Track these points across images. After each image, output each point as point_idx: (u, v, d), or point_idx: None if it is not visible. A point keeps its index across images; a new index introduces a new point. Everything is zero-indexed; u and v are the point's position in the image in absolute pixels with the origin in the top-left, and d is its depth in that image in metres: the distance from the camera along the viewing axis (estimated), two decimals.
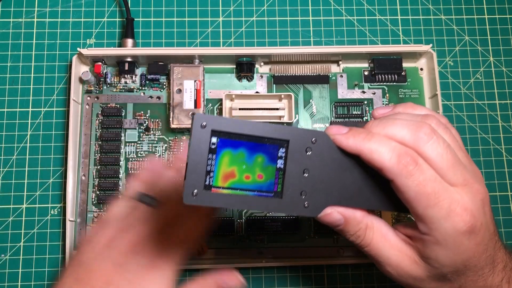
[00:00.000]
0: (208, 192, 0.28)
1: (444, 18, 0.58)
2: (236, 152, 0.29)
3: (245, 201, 0.29)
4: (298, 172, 0.30)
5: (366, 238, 0.31)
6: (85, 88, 0.52)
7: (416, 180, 0.28)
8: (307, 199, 0.30)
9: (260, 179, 0.29)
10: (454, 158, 0.29)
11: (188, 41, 0.56)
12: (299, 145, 0.30)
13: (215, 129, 0.28)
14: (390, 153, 0.28)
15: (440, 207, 0.28)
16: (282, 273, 0.51)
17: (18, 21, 0.56)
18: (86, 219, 0.49)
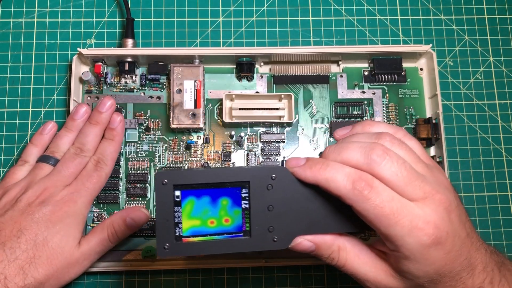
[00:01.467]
0: (179, 243, 0.30)
1: (444, 18, 0.58)
2: (200, 200, 0.30)
3: (216, 245, 0.31)
4: (263, 210, 0.31)
5: (340, 259, 0.32)
6: (85, 88, 0.52)
7: (373, 204, 0.28)
8: (275, 234, 0.31)
9: (227, 222, 0.31)
10: (410, 173, 0.30)
11: (188, 41, 0.56)
12: (260, 184, 0.31)
13: (176, 183, 0.30)
14: (345, 180, 0.29)
15: (402, 225, 0.28)
16: (282, 273, 0.51)
17: (18, 21, 0.56)
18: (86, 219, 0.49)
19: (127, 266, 0.48)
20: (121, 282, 0.50)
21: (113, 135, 0.46)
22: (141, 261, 0.49)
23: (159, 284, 0.50)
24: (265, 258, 0.49)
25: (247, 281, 0.50)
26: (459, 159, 0.54)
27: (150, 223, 0.48)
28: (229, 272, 0.50)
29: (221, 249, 0.31)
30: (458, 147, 0.54)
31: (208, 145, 0.51)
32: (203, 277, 0.50)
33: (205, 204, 0.31)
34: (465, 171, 0.54)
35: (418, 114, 0.53)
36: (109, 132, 0.47)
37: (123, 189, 0.50)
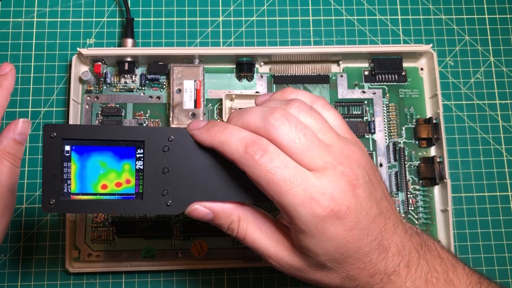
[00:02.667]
0: (67, 200, 0.29)
1: (445, 18, 0.58)
2: (93, 157, 0.29)
3: (106, 205, 0.29)
4: (157, 172, 0.29)
5: (240, 231, 0.31)
6: (85, 88, 0.52)
7: (264, 169, 0.27)
8: (169, 198, 0.30)
9: (120, 184, 0.30)
10: (310, 141, 0.27)
11: (188, 41, 0.56)
12: (156, 144, 0.29)
13: (66, 137, 0.28)
14: (237, 144, 0.27)
15: (294, 194, 0.26)
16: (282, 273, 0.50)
17: (18, 21, 0.56)
18: (86, 219, 0.49)
19: (127, 266, 0.48)
20: (121, 282, 0.50)
21: (0, 81, 0.41)
22: (141, 261, 0.48)
23: (159, 284, 0.50)
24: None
25: (247, 281, 0.50)
26: (460, 159, 0.54)
27: (150, 223, 0.48)
28: (229, 272, 0.50)
29: (111, 209, 0.30)
30: (458, 147, 0.54)
31: None
32: (203, 277, 0.50)
33: (99, 162, 0.29)
34: (466, 171, 0.54)
35: (418, 114, 0.53)
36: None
37: None
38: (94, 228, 0.49)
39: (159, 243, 0.49)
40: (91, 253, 0.48)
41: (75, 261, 0.48)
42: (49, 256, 0.50)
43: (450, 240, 0.48)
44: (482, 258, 0.52)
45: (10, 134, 0.39)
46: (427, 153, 0.52)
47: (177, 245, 0.49)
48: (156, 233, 0.48)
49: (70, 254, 0.48)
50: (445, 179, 0.49)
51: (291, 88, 0.33)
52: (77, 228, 0.49)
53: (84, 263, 0.48)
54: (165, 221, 0.49)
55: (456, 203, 0.53)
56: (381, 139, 0.52)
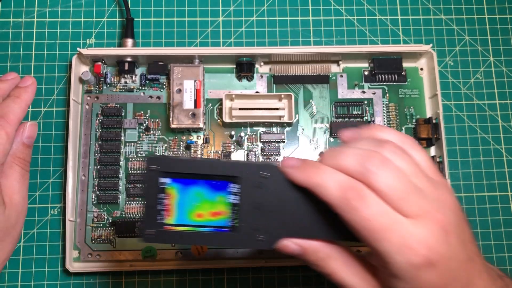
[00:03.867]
0: (162, 231, 0.30)
1: (444, 18, 0.58)
2: (187, 190, 0.30)
3: (200, 237, 0.30)
4: (252, 207, 0.30)
5: (327, 267, 0.31)
6: (85, 88, 0.52)
7: (361, 215, 0.27)
8: (262, 233, 0.30)
9: (214, 216, 0.30)
10: (408, 187, 0.27)
11: (188, 41, 0.56)
12: (252, 181, 0.30)
13: (164, 170, 0.29)
14: (334, 187, 0.27)
15: (391, 242, 0.26)
16: (282, 273, 0.51)
17: (18, 21, 0.56)
18: (86, 219, 0.49)
19: (127, 266, 0.48)
20: (121, 282, 0.50)
21: (19, 92, 0.40)
22: (141, 261, 0.49)
23: (159, 284, 0.50)
24: (265, 258, 0.49)
25: (247, 281, 0.50)
26: (460, 159, 0.54)
27: None
28: (229, 272, 0.50)
29: (205, 241, 0.30)
30: (458, 147, 0.54)
31: (208, 145, 0.51)
32: (203, 277, 0.50)
33: (194, 195, 0.30)
34: (466, 171, 0.54)
35: (418, 114, 0.53)
36: (16, 90, 0.41)
37: (122, 189, 0.50)
38: (94, 228, 0.49)
39: (159, 243, 0.49)
40: (91, 253, 0.49)
41: (75, 261, 0.48)
42: (49, 256, 0.50)
43: None
44: None
45: (19, 138, 0.39)
46: (427, 153, 0.52)
47: (177, 245, 0.49)
48: None
49: (70, 254, 0.48)
50: (445, 179, 0.49)
51: (378, 125, 0.33)
52: (77, 228, 0.49)
53: (84, 263, 0.49)
54: None
55: None
56: None
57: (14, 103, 0.39)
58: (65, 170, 0.51)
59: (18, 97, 0.39)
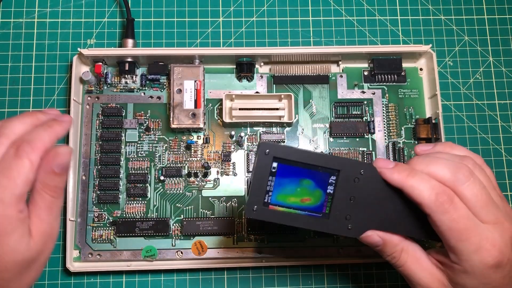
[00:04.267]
0: (266, 209, 0.33)
1: (444, 18, 0.58)
2: (292, 176, 0.34)
3: (296, 218, 0.34)
4: (345, 198, 0.34)
5: (401, 260, 0.35)
6: (85, 88, 0.52)
7: (450, 217, 0.31)
8: (350, 222, 0.34)
9: (308, 201, 0.34)
10: (487, 198, 0.33)
11: (188, 41, 0.56)
12: (349, 175, 0.34)
13: (276, 156, 0.33)
14: (429, 191, 0.32)
15: (471, 242, 0.31)
16: (282, 273, 0.51)
17: (18, 21, 0.56)
18: (86, 219, 0.49)
19: (127, 266, 0.48)
20: (121, 282, 0.50)
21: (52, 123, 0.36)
22: (141, 261, 0.49)
23: (159, 284, 0.50)
24: (265, 258, 0.49)
25: (247, 281, 0.50)
26: None
27: (150, 223, 0.49)
28: (229, 272, 0.51)
29: (300, 223, 0.34)
30: None
31: (208, 145, 0.51)
32: (203, 277, 0.50)
33: (296, 181, 0.34)
34: None
35: (418, 114, 0.53)
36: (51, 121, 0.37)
37: (123, 189, 0.50)
38: (95, 227, 0.49)
39: (159, 243, 0.49)
40: (92, 252, 0.49)
41: (75, 261, 0.49)
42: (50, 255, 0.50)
43: None
44: None
45: (48, 166, 0.34)
46: None
47: (177, 245, 0.49)
48: (156, 232, 0.48)
49: (70, 253, 0.48)
50: None
51: (450, 142, 0.37)
52: (78, 227, 0.49)
53: (84, 263, 0.49)
54: (165, 221, 0.49)
55: None
56: (381, 139, 0.52)
57: (44, 131, 0.35)
58: None
59: (50, 126, 0.36)
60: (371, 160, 0.51)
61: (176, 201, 0.50)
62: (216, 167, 0.51)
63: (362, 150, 0.52)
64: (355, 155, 0.52)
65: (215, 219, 0.49)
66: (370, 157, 0.51)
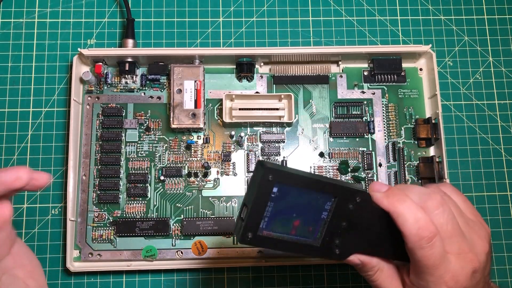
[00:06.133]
0: (260, 235, 0.32)
1: (444, 18, 0.58)
2: (288, 203, 0.32)
3: (288, 245, 0.33)
4: (338, 224, 0.34)
5: (375, 277, 0.36)
6: (85, 88, 0.52)
7: (424, 253, 0.32)
8: (339, 247, 0.34)
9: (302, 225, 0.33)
10: (454, 228, 0.33)
11: (189, 42, 0.56)
12: (344, 201, 0.33)
13: (279, 180, 0.31)
14: (412, 223, 0.32)
15: (434, 275, 0.33)
16: (282, 273, 0.51)
17: (19, 22, 0.56)
18: (86, 218, 0.49)
19: (127, 266, 0.48)
20: (121, 282, 0.50)
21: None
22: (141, 261, 0.49)
23: (159, 284, 0.50)
24: (265, 258, 0.49)
25: (247, 281, 0.50)
26: (459, 159, 0.54)
27: (150, 223, 0.49)
28: (229, 272, 0.51)
29: (291, 249, 0.33)
30: (457, 147, 0.54)
31: (208, 145, 0.51)
32: (203, 277, 0.50)
33: (291, 205, 0.32)
34: (465, 171, 0.54)
35: (417, 114, 0.53)
36: None
37: (123, 189, 0.50)
38: (95, 227, 0.49)
39: (159, 243, 0.49)
40: (92, 252, 0.49)
41: (75, 261, 0.49)
42: (50, 255, 0.50)
43: None
44: None
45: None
46: (426, 153, 0.52)
47: (177, 245, 0.49)
48: (157, 232, 0.49)
49: (71, 253, 0.48)
50: (444, 179, 0.49)
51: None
52: (78, 227, 0.49)
53: (84, 263, 0.49)
54: (165, 221, 0.49)
55: None
56: (381, 139, 0.52)
57: None
58: (66, 170, 0.51)
59: None
60: (371, 160, 0.51)
61: (176, 201, 0.50)
62: (216, 167, 0.51)
63: (362, 150, 0.52)
64: (355, 155, 0.52)
65: (215, 219, 0.49)
66: (370, 157, 0.51)
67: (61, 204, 0.51)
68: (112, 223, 0.49)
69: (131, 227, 0.49)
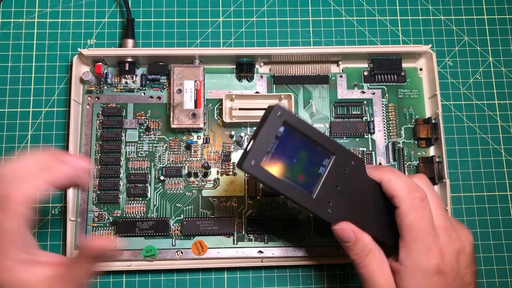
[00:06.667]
0: (261, 168, 0.33)
1: (444, 18, 0.58)
2: (292, 145, 0.34)
3: (284, 186, 0.34)
4: (332, 183, 0.35)
5: (366, 261, 0.35)
6: (85, 88, 0.52)
7: (417, 215, 0.33)
8: (331, 207, 0.35)
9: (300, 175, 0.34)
10: (443, 208, 0.35)
11: (189, 42, 0.56)
12: (341, 162, 0.35)
13: (286, 120, 0.33)
14: (403, 185, 0.34)
15: (423, 243, 0.33)
16: (282, 273, 0.51)
17: (19, 22, 0.56)
18: (86, 218, 0.49)
19: (127, 266, 0.48)
20: (121, 282, 0.50)
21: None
22: (141, 261, 0.49)
23: (159, 284, 0.50)
24: (265, 258, 0.49)
25: (247, 281, 0.50)
26: (459, 159, 0.54)
27: (150, 223, 0.49)
28: (229, 272, 0.51)
29: (287, 191, 0.34)
30: (457, 147, 0.54)
31: (208, 145, 0.51)
32: (203, 277, 0.50)
33: (294, 151, 0.34)
34: (465, 171, 0.54)
35: (417, 114, 0.53)
36: None
37: (123, 189, 0.50)
38: (95, 227, 0.49)
39: (159, 243, 0.49)
40: None
41: None
42: None
43: None
44: (481, 257, 0.52)
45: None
46: (426, 153, 0.52)
47: (177, 245, 0.49)
48: (156, 232, 0.49)
49: (71, 253, 0.48)
50: (444, 179, 0.49)
51: None
52: (78, 227, 0.49)
53: None
54: (165, 221, 0.49)
55: (455, 203, 0.53)
56: (381, 139, 0.52)
57: None
58: None
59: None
60: (371, 160, 0.51)
61: (176, 201, 0.50)
62: (216, 167, 0.51)
63: (362, 150, 0.52)
64: None
65: (215, 219, 0.49)
66: (370, 157, 0.51)
67: (61, 204, 0.51)
68: (112, 223, 0.49)
69: (131, 227, 0.49)
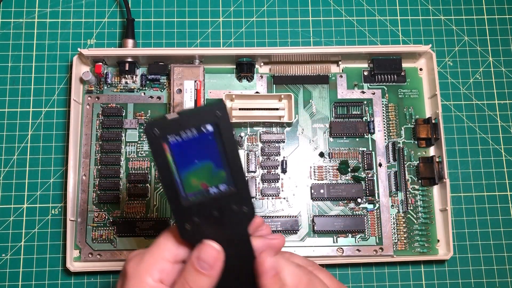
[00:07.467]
0: (159, 145, 0.28)
1: (444, 18, 0.58)
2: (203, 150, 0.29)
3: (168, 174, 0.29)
4: (212, 206, 0.30)
5: None
6: (85, 88, 0.52)
7: None
8: (192, 224, 0.30)
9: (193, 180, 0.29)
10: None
11: (189, 42, 0.56)
12: (236, 199, 0.30)
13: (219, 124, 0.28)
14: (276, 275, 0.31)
15: None
16: None
17: (19, 22, 0.56)
18: (86, 218, 0.49)
19: None
20: None
21: None
22: None
23: None
24: None
25: None
26: (459, 159, 0.54)
27: (150, 223, 0.49)
28: None
29: (166, 180, 0.29)
30: (457, 147, 0.54)
31: None
32: None
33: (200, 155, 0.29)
34: (465, 171, 0.54)
35: (417, 114, 0.53)
36: None
37: (123, 188, 0.50)
38: (95, 227, 0.49)
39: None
40: (92, 252, 0.49)
41: (75, 261, 0.49)
42: (50, 255, 0.50)
43: (449, 240, 0.48)
44: (481, 257, 0.52)
45: (192, 263, 0.32)
46: (426, 153, 0.52)
47: None
48: (156, 232, 0.49)
49: (71, 253, 0.48)
50: (444, 179, 0.50)
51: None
52: (78, 227, 0.49)
53: (84, 263, 0.49)
54: (165, 221, 0.49)
55: (455, 203, 0.53)
56: (381, 139, 0.52)
57: None
58: (66, 170, 0.51)
59: None
60: (371, 160, 0.51)
61: None
62: None
63: (362, 150, 0.52)
64: (355, 155, 0.52)
65: None
66: (370, 157, 0.51)
67: (61, 204, 0.51)
68: (112, 223, 0.49)
69: (131, 227, 0.49)
